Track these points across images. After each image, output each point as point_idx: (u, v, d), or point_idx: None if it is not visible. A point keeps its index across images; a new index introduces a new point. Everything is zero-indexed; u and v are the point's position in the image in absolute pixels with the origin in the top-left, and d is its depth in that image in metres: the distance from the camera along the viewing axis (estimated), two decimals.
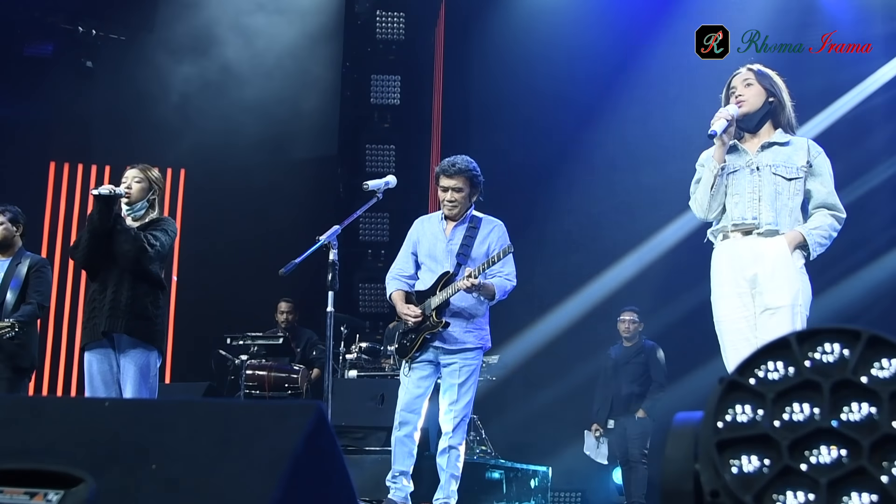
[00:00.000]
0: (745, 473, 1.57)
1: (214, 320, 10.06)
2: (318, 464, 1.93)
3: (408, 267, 6.00)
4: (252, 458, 1.86)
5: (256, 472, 1.82)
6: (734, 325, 4.71)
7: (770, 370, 1.63)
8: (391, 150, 11.19)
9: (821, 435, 1.56)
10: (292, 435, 1.88)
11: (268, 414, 1.96)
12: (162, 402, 2.22)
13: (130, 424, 2.00)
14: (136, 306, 5.73)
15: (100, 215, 5.78)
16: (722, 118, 4.70)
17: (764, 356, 1.64)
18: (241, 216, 10.99)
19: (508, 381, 9.93)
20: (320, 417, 1.93)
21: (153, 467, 1.87)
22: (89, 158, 11.32)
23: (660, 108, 10.58)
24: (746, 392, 1.63)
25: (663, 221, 10.24)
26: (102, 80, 11.08)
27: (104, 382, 5.79)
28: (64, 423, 2.03)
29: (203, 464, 1.88)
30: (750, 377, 1.63)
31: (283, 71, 10.95)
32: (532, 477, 9.02)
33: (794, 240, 4.64)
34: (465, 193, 5.84)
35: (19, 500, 1.87)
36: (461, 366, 5.72)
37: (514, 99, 11.24)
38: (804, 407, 1.58)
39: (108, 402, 2.00)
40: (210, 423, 1.98)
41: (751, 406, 1.61)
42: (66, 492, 1.86)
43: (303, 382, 8.98)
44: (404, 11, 11.35)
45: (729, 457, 1.59)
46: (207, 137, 10.72)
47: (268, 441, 1.88)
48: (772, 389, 1.61)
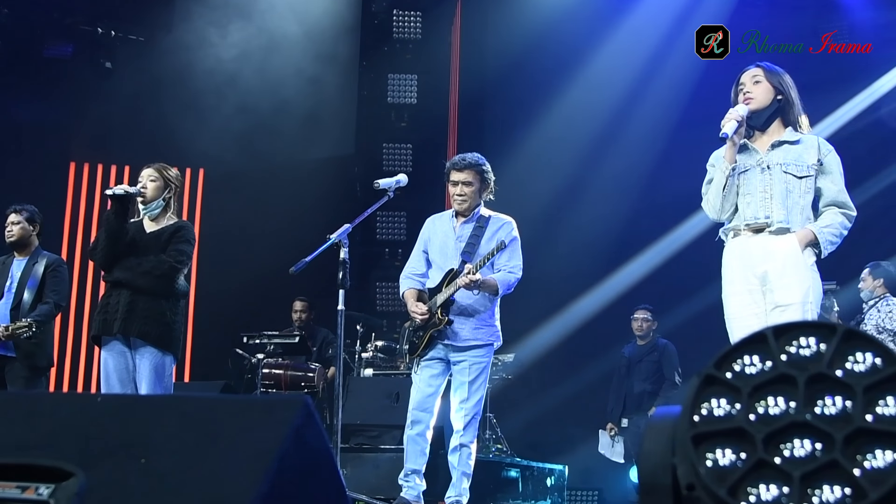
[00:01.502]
0: (719, 467, 1.58)
1: (232, 319, 10.11)
2: (306, 458, 1.95)
3: (420, 265, 6.03)
4: (239, 453, 1.88)
5: (243, 466, 1.85)
6: (745, 321, 4.69)
7: (747, 364, 1.63)
8: (408, 148, 11.20)
9: (795, 428, 1.56)
10: (279, 429, 1.90)
11: (255, 408, 1.99)
12: (151, 397, 2.25)
13: (120, 419, 2.03)
14: (154, 312, 5.78)
15: (115, 215, 5.84)
16: (732, 119, 4.68)
17: (741, 350, 1.65)
18: (258, 216, 11.02)
19: (524, 379, 9.93)
20: (307, 411, 1.95)
21: (142, 462, 1.90)
22: (108, 159, 11.39)
23: (677, 107, 10.56)
24: (723, 386, 1.63)
25: (679, 219, 10.22)
26: (121, 80, 11.14)
27: (120, 380, 5.83)
28: (56, 419, 2.06)
29: (191, 458, 1.90)
30: (727, 371, 1.64)
31: (300, 70, 10.97)
32: (548, 475, 9.01)
33: (806, 238, 4.62)
34: (475, 188, 5.84)
35: (11, 493, 1.90)
36: (471, 363, 5.72)
37: (529, 98, 11.23)
38: (779, 400, 1.59)
39: (100, 397, 2.02)
40: (198, 417, 2.01)
41: (727, 399, 1.62)
42: (56, 486, 1.89)
43: (319, 381, 9.00)
44: (421, 11, 11.35)
45: (705, 450, 1.60)
46: (225, 137, 10.76)
47: (255, 435, 1.91)
48: (748, 383, 1.62)
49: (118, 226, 5.85)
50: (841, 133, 9.60)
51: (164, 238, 5.94)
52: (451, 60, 11.30)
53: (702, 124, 8.54)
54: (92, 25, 10.98)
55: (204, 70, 10.81)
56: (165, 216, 6.06)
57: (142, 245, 5.91)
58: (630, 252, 10.52)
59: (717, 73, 8.83)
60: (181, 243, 5.94)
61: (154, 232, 5.99)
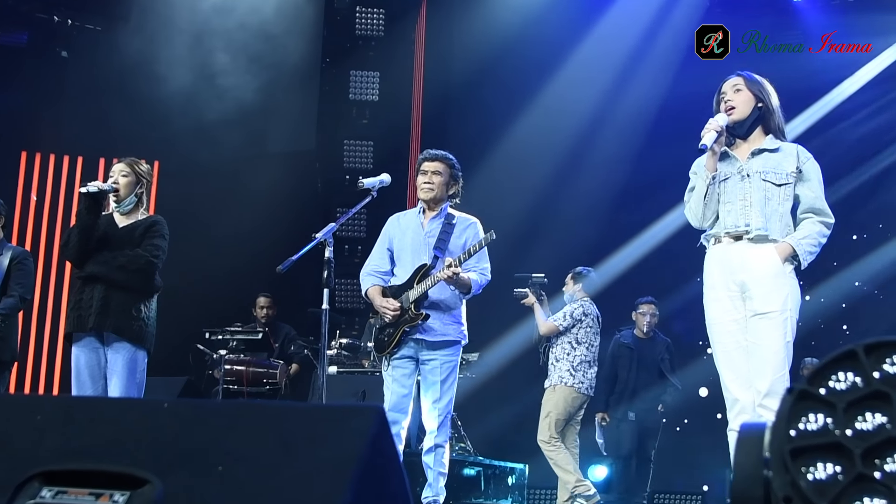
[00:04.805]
0: (819, 481, 1.62)
1: (191, 314, 9.99)
2: (381, 466, 1.95)
3: (383, 263, 5.98)
4: (318, 461, 1.87)
5: (325, 475, 1.84)
6: (725, 327, 4.78)
7: (839, 380, 1.68)
8: (369, 146, 11.19)
9: (892, 444, 1.61)
10: (357, 437, 1.90)
11: (330, 416, 1.98)
12: (220, 403, 2.24)
13: (190, 426, 2.00)
14: (128, 307, 5.74)
15: (88, 211, 5.79)
16: (712, 130, 4.75)
17: (832, 366, 1.69)
18: (215, 209, 10.88)
19: (489, 378, 9.95)
20: (382, 419, 1.95)
21: (219, 469, 1.88)
22: (62, 149, 11.21)
23: (649, 110, 10.70)
24: (817, 401, 1.68)
25: (650, 219, 10.38)
26: (77, 70, 10.96)
27: (91, 376, 5.78)
28: (121, 424, 2.02)
29: (268, 466, 1.89)
30: (819, 387, 1.69)
31: (262, 65, 10.88)
32: (509, 474, 9.07)
33: (785, 252, 4.70)
34: (443, 180, 5.84)
35: (84, 500, 1.88)
36: (442, 362, 5.70)
37: (495, 97, 11.26)
38: (875, 416, 1.63)
39: (167, 403, 2.00)
40: (270, 425, 1.99)
41: (822, 415, 1.66)
42: (132, 493, 1.87)
43: (281, 378, 8.97)
44: (384, 8, 11.35)
45: (801, 464, 1.64)
46: (182, 129, 10.62)
47: (332, 443, 1.90)
48: (842, 399, 1.66)
49: (91, 222, 5.80)
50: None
51: (138, 233, 5.90)
52: (414, 59, 11.30)
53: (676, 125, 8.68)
54: (48, 13, 10.82)
55: (161, 61, 10.65)
56: (138, 211, 6.03)
57: (115, 240, 5.87)
58: (602, 254, 10.60)
59: (689, 74, 9.02)
60: (156, 238, 5.91)
61: (127, 227, 5.95)
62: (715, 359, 4.81)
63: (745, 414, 4.65)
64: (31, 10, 10.80)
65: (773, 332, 4.62)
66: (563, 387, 7.91)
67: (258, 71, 10.89)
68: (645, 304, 9.10)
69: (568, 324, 7.99)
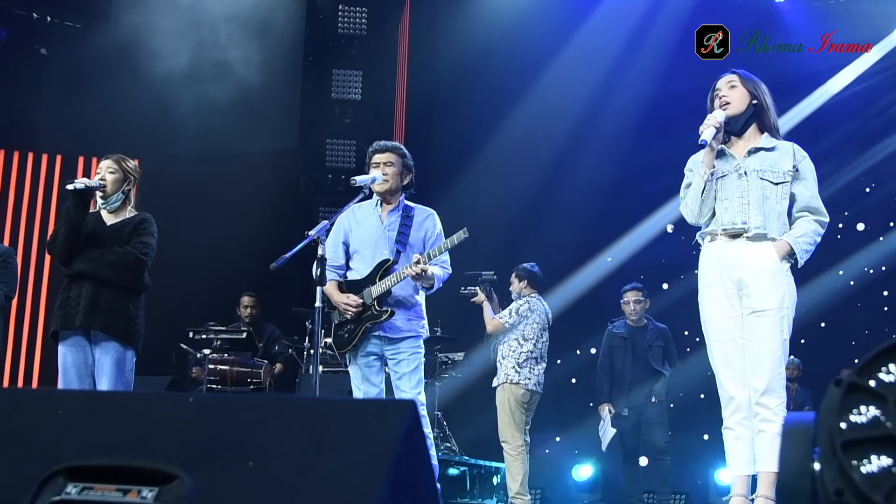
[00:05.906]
0: (871, 473, 1.60)
1: (173, 313, 9.89)
2: (413, 461, 1.92)
3: (338, 257, 5.85)
4: (352, 456, 1.84)
5: (359, 470, 1.80)
6: (721, 325, 4.78)
7: (889, 372, 1.66)
8: (352, 145, 11.12)
9: None
10: (391, 432, 1.86)
11: (363, 411, 1.94)
12: (249, 398, 2.18)
13: (218, 421, 1.96)
14: (117, 305, 5.68)
15: (76, 209, 5.73)
16: (711, 125, 4.76)
17: (881, 358, 1.67)
18: (197, 208, 10.78)
19: (474, 378, 9.92)
20: (415, 414, 1.92)
21: (250, 464, 1.84)
22: (40, 147, 11.07)
23: (634, 104, 10.72)
24: (867, 394, 1.66)
25: (637, 217, 10.40)
26: (56, 67, 10.83)
27: (78, 375, 5.72)
28: (148, 419, 1.98)
29: (301, 461, 1.85)
30: (869, 379, 1.67)
31: (243, 63, 10.78)
32: (494, 474, 9.06)
33: (783, 250, 4.71)
34: (396, 170, 5.75)
35: (112, 496, 1.83)
36: (409, 354, 5.62)
37: (478, 96, 11.24)
38: None
39: (192, 398, 1.96)
40: (302, 419, 1.95)
41: (873, 407, 1.64)
42: (160, 488, 1.82)
43: (265, 378, 8.89)
44: (367, 7, 11.28)
45: (852, 457, 1.62)
46: (162, 127, 10.53)
47: (366, 438, 1.86)
48: (892, 391, 1.64)
49: (78, 219, 5.73)
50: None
51: (126, 230, 5.84)
52: (398, 57, 11.26)
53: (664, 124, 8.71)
54: (27, 10, 10.65)
55: (141, 59, 10.53)
56: (126, 209, 5.97)
57: (103, 237, 5.81)
58: (589, 253, 10.60)
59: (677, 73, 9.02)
60: (145, 236, 5.86)
61: (115, 224, 5.89)
62: (710, 356, 4.81)
63: (741, 412, 4.67)
64: (9, 6, 10.63)
65: (770, 330, 4.63)
66: (510, 384, 7.87)
67: (239, 69, 10.80)
68: (628, 291, 8.88)
69: (514, 321, 7.96)
